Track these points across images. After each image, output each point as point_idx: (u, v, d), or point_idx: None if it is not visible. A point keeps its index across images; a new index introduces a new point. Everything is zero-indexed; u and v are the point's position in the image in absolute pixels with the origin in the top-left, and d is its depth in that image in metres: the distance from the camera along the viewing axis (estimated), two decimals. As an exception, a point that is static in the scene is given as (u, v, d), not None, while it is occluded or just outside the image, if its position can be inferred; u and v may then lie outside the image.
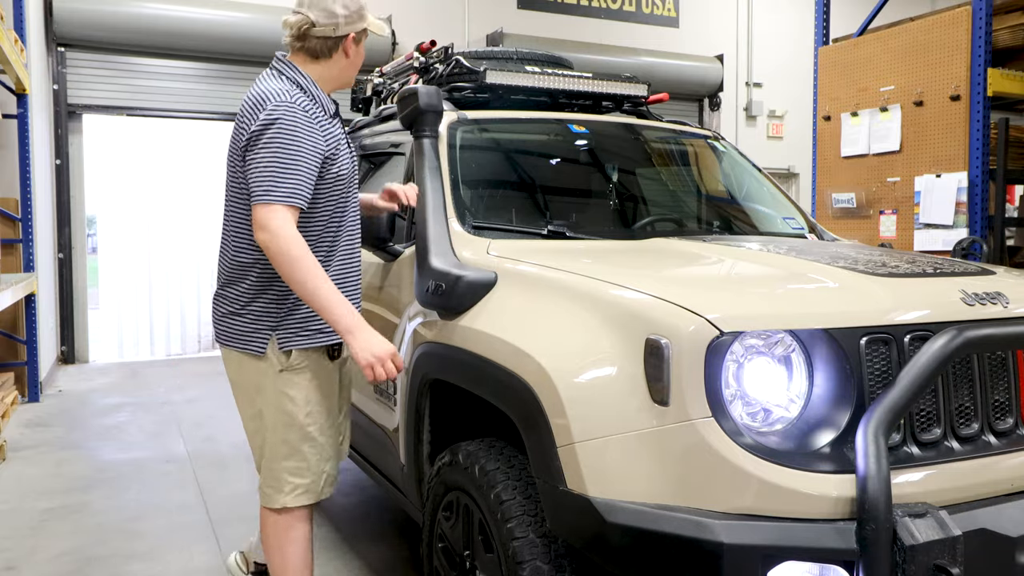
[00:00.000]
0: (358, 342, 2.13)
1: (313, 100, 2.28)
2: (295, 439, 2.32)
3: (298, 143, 2.16)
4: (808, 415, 1.68)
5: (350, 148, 2.40)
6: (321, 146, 2.21)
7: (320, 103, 2.30)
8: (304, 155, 2.17)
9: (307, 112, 2.20)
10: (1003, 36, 4.96)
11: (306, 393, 2.31)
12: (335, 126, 2.33)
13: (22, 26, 6.16)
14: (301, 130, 2.17)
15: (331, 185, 2.29)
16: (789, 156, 11.56)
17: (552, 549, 1.83)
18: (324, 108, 2.31)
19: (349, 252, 2.39)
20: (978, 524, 1.61)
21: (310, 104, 2.24)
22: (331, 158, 2.26)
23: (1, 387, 5.61)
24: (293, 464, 2.33)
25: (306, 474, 2.35)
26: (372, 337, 2.15)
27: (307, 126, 2.18)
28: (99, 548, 3.38)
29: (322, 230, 2.30)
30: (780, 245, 2.40)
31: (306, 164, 2.17)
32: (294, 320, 2.29)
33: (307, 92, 2.28)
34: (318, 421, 2.34)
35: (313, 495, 2.38)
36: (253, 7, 8.33)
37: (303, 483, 2.35)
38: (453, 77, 3.07)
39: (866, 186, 5.48)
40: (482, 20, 9.77)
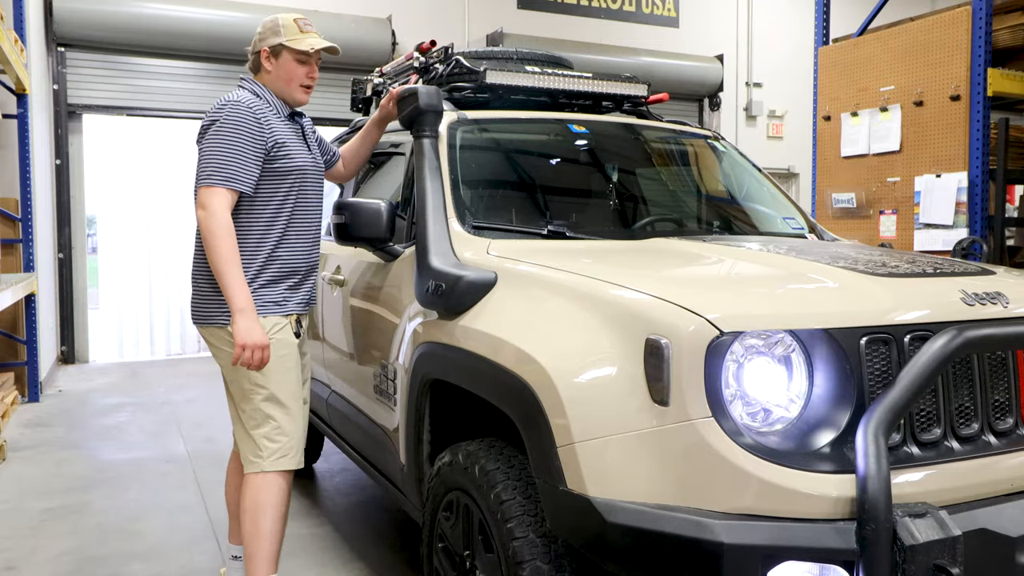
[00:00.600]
0: (242, 323, 2.40)
1: (266, 103, 2.60)
2: (268, 407, 2.53)
3: (239, 134, 2.47)
4: (808, 415, 1.68)
5: (309, 147, 2.71)
6: (262, 138, 2.51)
7: (273, 106, 2.62)
8: (245, 144, 2.48)
9: (252, 109, 2.52)
10: (1003, 36, 4.96)
11: (272, 363, 2.50)
12: (287, 126, 2.63)
13: (22, 26, 6.17)
14: (242, 123, 2.48)
15: (281, 176, 2.57)
16: (789, 156, 11.57)
17: (552, 549, 1.83)
18: (277, 111, 2.63)
19: (303, 239, 2.64)
20: (978, 524, 1.61)
21: (260, 104, 2.57)
22: (277, 151, 2.55)
23: (1, 387, 5.61)
24: (269, 430, 2.54)
25: (281, 438, 2.54)
26: (256, 326, 2.43)
27: (249, 120, 2.49)
28: (99, 548, 3.38)
29: (274, 215, 2.57)
30: (780, 245, 2.40)
31: (246, 152, 2.48)
32: (256, 291, 2.52)
33: (262, 98, 2.62)
34: (288, 389, 2.56)
35: (293, 460, 2.57)
36: (253, 7, 8.33)
37: (279, 447, 2.54)
38: (453, 77, 3.07)
39: (866, 186, 5.48)
40: (482, 20, 9.77)
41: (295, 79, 2.63)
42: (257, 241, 2.56)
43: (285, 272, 2.60)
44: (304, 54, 2.62)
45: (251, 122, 2.49)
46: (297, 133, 2.69)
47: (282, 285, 2.59)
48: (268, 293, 2.56)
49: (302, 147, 2.67)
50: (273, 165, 2.55)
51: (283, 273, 2.60)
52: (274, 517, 2.54)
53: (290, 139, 2.61)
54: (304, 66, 2.64)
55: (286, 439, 2.55)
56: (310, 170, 2.67)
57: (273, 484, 2.54)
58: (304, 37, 2.63)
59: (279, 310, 2.58)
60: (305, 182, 2.65)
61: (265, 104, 2.60)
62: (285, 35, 2.62)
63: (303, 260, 2.66)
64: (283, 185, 2.58)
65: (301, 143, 2.68)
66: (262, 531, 2.53)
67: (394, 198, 2.98)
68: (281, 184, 2.58)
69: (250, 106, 2.52)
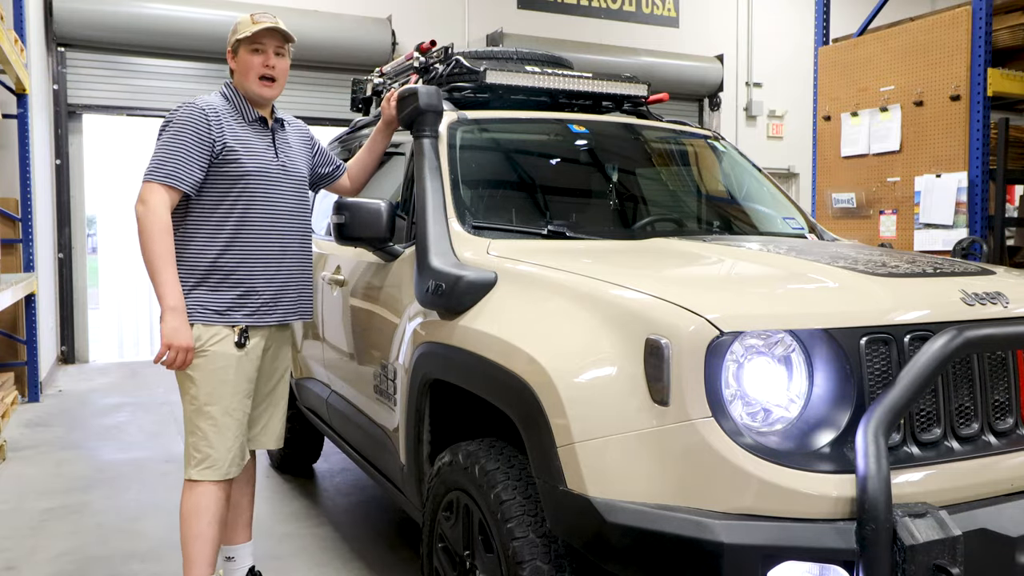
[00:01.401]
0: (170, 323, 2.41)
1: (231, 106, 2.60)
2: (197, 417, 2.53)
3: (185, 133, 2.47)
4: (808, 415, 1.68)
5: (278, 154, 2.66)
6: (209, 139, 2.49)
7: (238, 109, 2.61)
8: (190, 144, 2.46)
9: (205, 111, 2.51)
10: (1003, 36, 4.96)
11: (205, 375, 2.50)
12: (250, 130, 2.61)
13: (22, 26, 6.16)
14: (191, 123, 2.47)
15: (230, 179, 2.53)
16: (789, 156, 11.57)
17: (552, 549, 1.83)
18: (242, 114, 2.62)
19: (256, 248, 2.59)
20: (978, 524, 1.61)
21: (220, 106, 2.57)
22: (227, 154, 2.52)
23: (1, 387, 5.61)
24: (196, 440, 2.54)
25: (207, 450, 2.53)
26: (184, 327, 2.43)
27: (198, 120, 2.48)
28: (99, 548, 3.38)
29: (221, 219, 2.54)
30: (780, 245, 2.40)
31: (190, 152, 2.46)
32: (194, 298, 2.51)
33: (229, 100, 2.62)
34: (220, 403, 2.53)
35: (217, 472, 2.54)
36: (253, 7, 8.33)
37: (204, 459, 2.53)
38: (453, 77, 3.07)
39: (866, 186, 5.48)
40: (482, 20, 9.77)
41: (251, 70, 2.58)
42: (202, 244, 2.52)
43: (231, 281, 2.54)
44: (253, 41, 2.58)
45: (200, 122, 2.47)
46: (263, 138, 2.64)
47: (228, 293, 2.53)
48: (210, 299, 2.52)
49: (264, 153, 2.61)
50: (221, 168, 2.51)
51: (229, 281, 2.54)
52: (201, 522, 2.54)
53: (248, 143, 2.57)
54: (258, 55, 2.59)
55: (212, 452, 2.52)
56: (273, 178, 2.61)
57: (200, 495, 2.54)
58: (255, 27, 2.58)
59: (220, 319, 2.52)
60: (261, 188, 2.58)
61: (228, 107, 2.59)
62: (240, 31, 2.61)
63: (255, 271, 2.58)
64: (232, 189, 2.53)
65: (264, 149, 2.62)
66: (188, 536, 2.55)
67: (394, 198, 2.97)
68: (230, 188, 2.53)
69: (204, 107, 2.51)
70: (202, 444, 2.52)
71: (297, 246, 2.71)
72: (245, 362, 2.57)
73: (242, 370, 2.56)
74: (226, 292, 2.53)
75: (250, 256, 2.57)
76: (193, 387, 2.51)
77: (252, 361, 2.60)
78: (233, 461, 2.57)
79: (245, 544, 2.85)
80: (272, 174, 2.62)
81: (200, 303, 2.51)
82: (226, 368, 2.52)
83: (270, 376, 2.75)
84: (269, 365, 2.73)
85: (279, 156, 2.66)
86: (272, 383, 2.78)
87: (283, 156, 2.68)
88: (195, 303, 2.50)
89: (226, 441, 2.54)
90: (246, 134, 2.58)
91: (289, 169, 2.69)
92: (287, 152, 2.71)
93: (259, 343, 2.62)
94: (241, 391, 2.57)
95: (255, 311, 2.59)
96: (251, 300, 2.58)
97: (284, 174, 2.66)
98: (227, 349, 2.52)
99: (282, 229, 2.65)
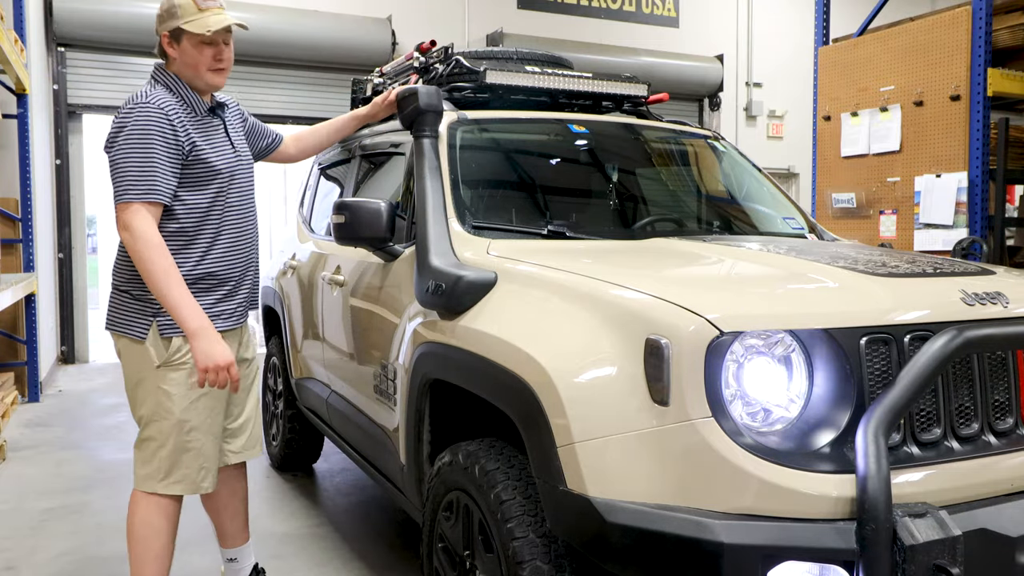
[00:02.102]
0: (200, 345, 2.24)
1: (181, 100, 2.39)
2: (172, 432, 2.40)
3: (150, 141, 2.25)
4: (808, 415, 1.68)
5: (234, 143, 2.51)
6: (177, 142, 2.30)
7: (188, 102, 2.40)
8: (157, 152, 2.26)
9: (163, 110, 2.29)
10: (1003, 36, 4.96)
11: (183, 390, 2.38)
12: (206, 124, 2.43)
13: (22, 26, 6.16)
14: (153, 128, 2.26)
15: (203, 181, 2.38)
16: (789, 156, 11.57)
17: (552, 549, 1.83)
18: (193, 107, 2.41)
19: (235, 245, 2.48)
20: (978, 524, 1.61)
21: (173, 103, 2.35)
22: (196, 155, 2.35)
23: (1, 387, 5.61)
24: (167, 454, 2.41)
25: (173, 467, 2.41)
26: (215, 345, 2.26)
27: (161, 124, 2.27)
28: (99, 548, 3.38)
29: (199, 224, 2.39)
30: (780, 245, 2.40)
31: (161, 161, 2.26)
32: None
33: (175, 92, 2.39)
34: (197, 417, 2.41)
35: (190, 487, 2.45)
36: (253, 7, 8.33)
37: (176, 474, 2.42)
38: (453, 77, 3.07)
39: (866, 186, 5.48)
40: (482, 20, 9.77)
41: (201, 64, 2.36)
42: (181, 254, 2.37)
43: (214, 283, 2.43)
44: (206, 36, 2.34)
45: (164, 125, 2.27)
46: (218, 130, 2.48)
47: (210, 298, 2.42)
48: None
49: (225, 146, 2.47)
50: (191, 171, 2.35)
51: (212, 284, 2.43)
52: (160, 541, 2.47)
53: (210, 140, 2.42)
54: (210, 48, 2.37)
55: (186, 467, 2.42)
56: (237, 170, 2.49)
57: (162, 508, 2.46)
58: (202, 16, 2.32)
59: None
60: (233, 184, 2.46)
61: (179, 101, 2.38)
62: (182, 16, 2.33)
63: (232, 273, 2.48)
64: (207, 191, 2.39)
65: (224, 142, 2.48)
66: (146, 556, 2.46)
67: (394, 198, 2.97)
68: (204, 190, 2.38)
69: (161, 107, 2.29)
70: (170, 458, 2.40)
71: (255, 234, 2.60)
72: None
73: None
74: (205, 300, 2.40)
75: (227, 258, 2.47)
76: (169, 401, 2.38)
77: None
78: (206, 476, 2.47)
79: (246, 545, 2.85)
80: (233, 166, 2.48)
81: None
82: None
83: (244, 382, 2.63)
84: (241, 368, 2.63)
85: (234, 146, 2.52)
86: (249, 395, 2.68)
87: (237, 144, 2.54)
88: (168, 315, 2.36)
89: (200, 457, 2.44)
90: (203, 129, 2.41)
91: (243, 157, 2.55)
92: (235, 138, 2.56)
93: (233, 346, 2.53)
94: (219, 401, 2.48)
95: (233, 313, 2.50)
96: (230, 303, 2.49)
97: (241, 164, 2.52)
98: None
99: (249, 222, 2.54)
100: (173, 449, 2.41)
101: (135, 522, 2.46)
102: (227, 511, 2.75)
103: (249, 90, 8.60)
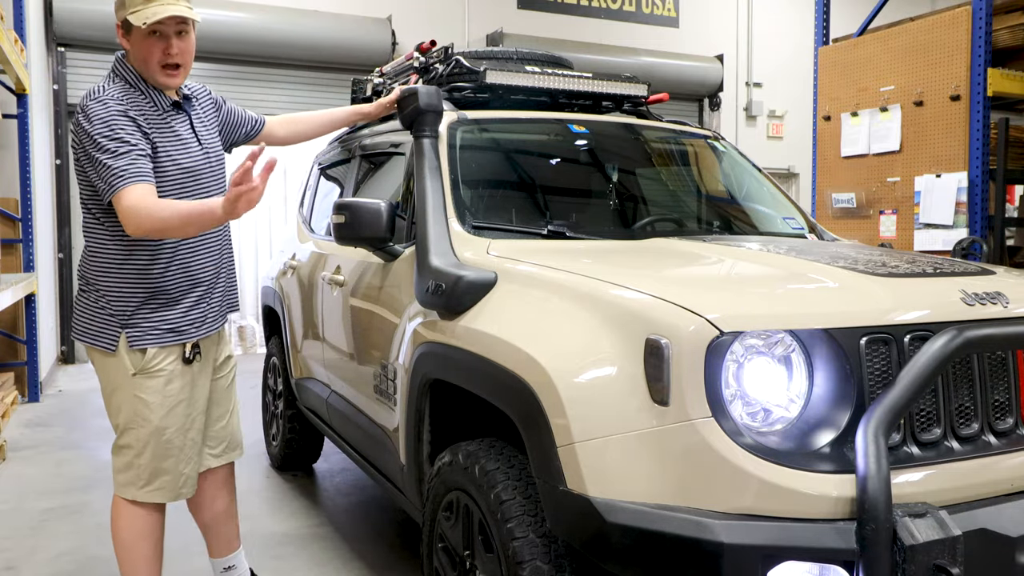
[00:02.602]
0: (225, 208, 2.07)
1: (141, 94, 2.29)
2: (150, 440, 2.35)
3: (114, 127, 2.17)
4: (808, 415, 1.68)
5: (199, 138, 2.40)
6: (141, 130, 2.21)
7: (149, 96, 2.30)
8: (124, 135, 2.18)
9: (119, 98, 2.21)
10: (1003, 36, 4.96)
11: (160, 398, 2.33)
12: (170, 119, 2.33)
13: (22, 26, 6.16)
14: (113, 114, 2.18)
15: (164, 179, 2.27)
16: (789, 156, 11.57)
17: (552, 549, 1.83)
18: (154, 101, 2.31)
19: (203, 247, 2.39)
20: (978, 524, 1.61)
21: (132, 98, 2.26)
22: (159, 152, 2.26)
23: (1, 387, 5.61)
24: (146, 462, 2.37)
25: (153, 475, 2.38)
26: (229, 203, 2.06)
27: (118, 109, 2.19)
28: (99, 548, 3.37)
29: None
30: (780, 245, 2.40)
31: (129, 143, 2.18)
32: (142, 317, 2.32)
33: (135, 87, 2.29)
34: (175, 424, 2.37)
35: (169, 494, 2.41)
36: (253, 7, 8.33)
37: (156, 481, 2.38)
38: (453, 77, 3.07)
39: (866, 186, 5.48)
40: (482, 20, 9.77)
41: (151, 58, 2.23)
42: (146, 261, 2.30)
43: (180, 294, 2.35)
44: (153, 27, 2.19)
45: (125, 117, 2.20)
46: (183, 125, 2.37)
47: (178, 308, 2.34)
48: (161, 318, 2.32)
49: (190, 144, 2.36)
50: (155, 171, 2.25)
51: (179, 295, 2.35)
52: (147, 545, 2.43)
53: (172, 138, 2.31)
54: (159, 41, 2.22)
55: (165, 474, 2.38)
56: (204, 169, 2.38)
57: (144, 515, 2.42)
58: (147, 7, 2.17)
59: (176, 338, 2.33)
60: (198, 183, 2.35)
61: (139, 95, 2.28)
62: (129, 6, 2.20)
63: (203, 279, 2.40)
64: (168, 192, 2.28)
65: (189, 139, 2.36)
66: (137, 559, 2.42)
67: (394, 198, 2.98)
68: (166, 191, 2.28)
69: (118, 106, 2.21)
70: (149, 465, 2.36)
71: (226, 235, 2.52)
72: (201, 378, 2.43)
73: (198, 387, 2.43)
74: (176, 307, 2.33)
75: (196, 263, 2.38)
76: (146, 409, 2.33)
77: (207, 376, 2.47)
78: (185, 483, 2.44)
79: (239, 550, 2.80)
80: (199, 165, 2.37)
81: (151, 323, 2.31)
82: (183, 388, 2.37)
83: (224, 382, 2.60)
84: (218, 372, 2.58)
85: (200, 142, 2.40)
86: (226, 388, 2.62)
87: (204, 141, 2.42)
88: (146, 324, 2.31)
89: (180, 463, 2.40)
90: (164, 124, 2.30)
91: (212, 154, 2.44)
92: (203, 132, 2.43)
93: (210, 353, 2.48)
94: (197, 409, 2.43)
95: (204, 320, 2.42)
96: (201, 309, 2.40)
97: (208, 161, 2.41)
98: (180, 367, 2.36)
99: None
100: (152, 457, 2.37)
101: (119, 527, 2.43)
102: (219, 515, 2.69)
103: (249, 90, 8.60)
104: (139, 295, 2.32)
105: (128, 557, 2.42)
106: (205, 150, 2.41)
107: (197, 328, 2.40)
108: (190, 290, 2.38)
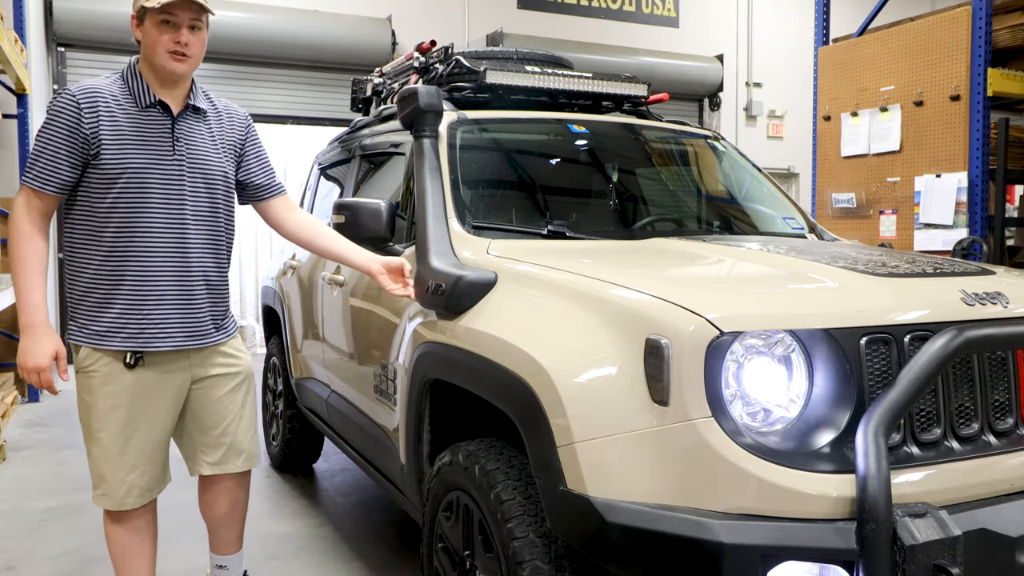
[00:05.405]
0: (24, 342, 2.20)
1: (128, 88, 2.27)
2: (88, 442, 2.33)
3: (52, 130, 2.18)
4: (808, 415, 1.68)
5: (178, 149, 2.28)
6: (80, 134, 2.17)
7: (132, 93, 2.27)
8: (56, 142, 2.17)
9: (78, 101, 2.18)
10: (1003, 36, 4.96)
11: (95, 399, 2.29)
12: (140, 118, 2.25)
13: (22, 26, 6.17)
14: (59, 118, 2.18)
15: (108, 179, 2.20)
16: (789, 156, 11.57)
17: (552, 549, 1.83)
18: (135, 98, 2.27)
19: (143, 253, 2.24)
20: (978, 524, 1.61)
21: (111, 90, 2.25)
22: (102, 150, 2.19)
23: (1, 387, 5.61)
24: (91, 464, 2.34)
25: (99, 479, 2.33)
26: (36, 344, 2.18)
27: (68, 114, 2.17)
28: (99, 548, 3.37)
29: (99, 225, 2.22)
30: (780, 245, 2.40)
31: (57, 151, 2.17)
32: (80, 314, 2.29)
33: (127, 81, 2.29)
34: (111, 429, 2.28)
35: (111, 501, 2.33)
36: (253, 7, 8.33)
37: (98, 484, 2.34)
38: (453, 77, 3.07)
39: (866, 186, 5.48)
40: (482, 20, 9.77)
41: (159, 45, 2.22)
42: (82, 257, 2.24)
43: (111, 298, 2.24)
44: (162, 12, 2.21)
45: (69, 115, 2.16)
46: (159, 126, 2.27)
47: (107, 312, 2.24)
48: (90, 319, 2.25)
49: (155, 144, 2.25)
50: (97, 165, 2.19)
51: (109, 299, 2.24)
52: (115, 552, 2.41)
53: (131, 134, 2.22)
54: (168, 30, 2.23)
55: (106, 484, 2.31)
56: (160, 173, 2.25)
57: (109, 521, 2.39)
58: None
59: (102, 342, 2.25)
60: (147, 188, 2.23)
61: (120, 90, 2.25)
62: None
63: (140, 287, 2.24)
64: (109, 191, 2.20)
65: (159, 139, 2.26)
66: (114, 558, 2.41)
67: (394, 198, 2.98)
68: (107, 190, 2.20)
69: (78, 96, 2.18)
70: (96, 469, 2.32)
71: (205, 256, 2.34)
72: (146, 391, 2.30)
73: (141, 399, 2.29)
74: (106, 311, 2.24)
75: (134, 269, 2.24)
76: (83, 408, 2.31)
77: (172, 386, 2.34)
78: (129, 492, 2.32)
79: (238, 553, 2.78)
80: (165, 169, 2.25)
81: (82, 323, 2.26)
82: (119, 392, 2.27)
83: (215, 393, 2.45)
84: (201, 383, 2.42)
85: (178, 148, 2.28)
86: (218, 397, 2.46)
87: (185, 148, 2.29)
88: (82, 320, 2.26)
89: (118, 471, 2.30)
90: (132, 123, 2.23)
91: (192, 164, 2.30)
92: (193, 143, 2.31)
93: (168, 373, 2.33)
94: (139, 420, 2.30)
95: (139, 334, 2.25)
96: (134, 321, 2.25)
97: (180, 170, 2.28)
98: (117, 371, 2.27)
99: (180, 236, 2.28)
100: (92, 459, 2.33)
101: (104, 525, 2.44)
102: (217, 519, 2.64)
103: (249, 90, 8.60)
104: (77, 291, 2.29)
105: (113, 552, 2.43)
106: (180, 158, 2.28)
107: (125, 340, 2.25)
108: (128, 296, 2.24)
